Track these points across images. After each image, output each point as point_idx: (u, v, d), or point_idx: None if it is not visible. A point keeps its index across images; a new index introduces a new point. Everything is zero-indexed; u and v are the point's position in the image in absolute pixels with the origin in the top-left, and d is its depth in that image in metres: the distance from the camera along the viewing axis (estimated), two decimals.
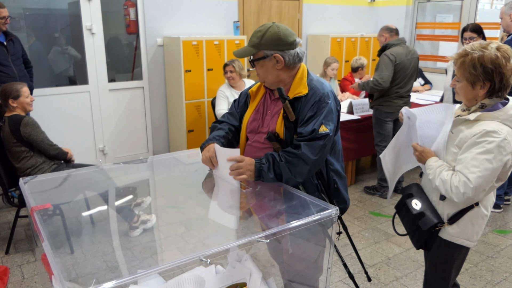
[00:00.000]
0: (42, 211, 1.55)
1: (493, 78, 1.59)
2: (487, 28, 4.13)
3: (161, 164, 2.44)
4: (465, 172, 1.60)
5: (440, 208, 1.80)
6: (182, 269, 1.60)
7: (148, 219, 2.69)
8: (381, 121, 4.07)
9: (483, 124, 1.62)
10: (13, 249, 3.20)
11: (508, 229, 3.53)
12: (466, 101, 1.72)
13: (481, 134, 1.59)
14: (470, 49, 1.63)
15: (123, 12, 4.86)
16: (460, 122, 1.72)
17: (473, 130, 1.63)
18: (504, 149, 1.57)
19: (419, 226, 1.78)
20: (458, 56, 1.68)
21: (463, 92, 1.69)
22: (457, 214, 1.75)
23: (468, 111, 1.70)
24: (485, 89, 1.63)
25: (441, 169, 1.68)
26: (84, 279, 2.33)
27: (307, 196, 1.69)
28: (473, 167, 1.59)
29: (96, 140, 4.87)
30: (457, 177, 1.62)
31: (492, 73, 1.58)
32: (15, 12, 4.42)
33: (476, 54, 1.60)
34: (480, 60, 1.59)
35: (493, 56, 1.58)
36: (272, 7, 5.78)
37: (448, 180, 1.63)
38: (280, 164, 1.73)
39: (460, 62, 1.65)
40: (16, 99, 3.09)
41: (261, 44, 1.75)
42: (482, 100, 1.66)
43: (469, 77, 1.63)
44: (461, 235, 1.78)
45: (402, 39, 4.01)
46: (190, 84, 4.78)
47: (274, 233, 1.39)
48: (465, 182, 1.59)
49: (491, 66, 1.58)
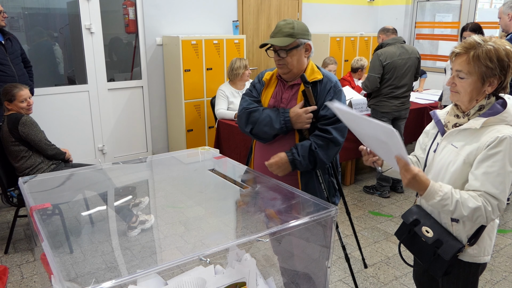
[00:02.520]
0: (42, 211, 1.54)
1: (506, 73, 1.43)
2: (487, 28, 4.14)
3: (161, 163, 2.44)
4: (493, 192, 1.40)
5: (455, 230, 1.58)
6: (181, 269, 1.59)
7: (146, 220, 2.69)
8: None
9: (492, 131, 1.43)
10: (12, 248, 3.20)
11: (508, 229, 3.53)
12: (467, 102, 1.50)
13: (495, 144, 1.40)
14: (480, 41, 1.43)
15: (122, 12, 4.85)
16: (460, 131, 1.53)
17: (483, 140, 1.44)
18: None
19: (439, 254, 1.57)
20: (466, 47, 1.44)
21: (468, 90, 1.46)
22: (476, 232, 1.56)
23: (467, 116, 1.51)
24: (494, 86, 1.45)
25: (459, 194, 1.43)
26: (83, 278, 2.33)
27: (307, 196, 1.69)
28: (500, 184, 1.40)
29: (95, 139, 4.86)
30: (488, 203, 1.40)
31: (508, 67, 1.42)
32: (14, 12, 4.41)
33: (490, 46, 1.41)
34: (496, 52, 1.41)
35: (507, 49, 1.42)
36: (272, 6, 5.78)
37: (481, 207, 1.40)
38: (315, 151, 1.88)
39: (473, 54, 1.42)
40: (11, 102, 3.08)
41: (296, 34, 1.89)
42: (481, 102, 1.48)
43: (484, 72, 1.42)
44: (482, 253, 1.60)
45: (399, 38, 4.00)
46: (189, 83, 4.78)
47: (274, 232, 1.39)
48: (498, 205, 1.41)
49: (506, 60, 1.41)
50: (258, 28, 5.74)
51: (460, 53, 1.46)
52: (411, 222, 1.65)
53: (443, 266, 1.58)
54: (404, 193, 4.29)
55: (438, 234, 1.57)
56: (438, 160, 1.58)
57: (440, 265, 1.59)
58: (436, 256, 1.58)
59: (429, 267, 1.63)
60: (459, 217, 1.45)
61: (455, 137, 1.54)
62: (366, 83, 3.99)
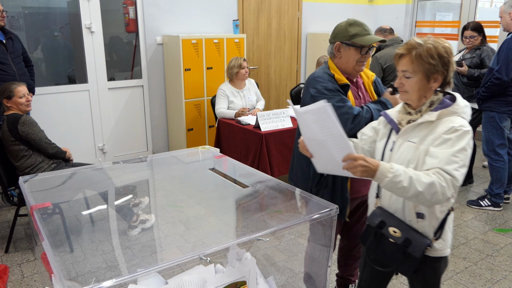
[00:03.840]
0: (42, 210, 1.54)
1: (448, 69, 1.52)
2: (487, 27, 4.13)
3: (161, 163, 2.44)
4: (449, 169, 1.43)
5: (420, 227, 1.60)
6: (181, 268, 1.59)
7: (147, 219, 2.69)
8: None
9: (446, 121, 1.50)
10: (13, 247, 3.20)
11: (508, 228, 3.53)
12: (416, 100, 1.56)
13: (450, 130, 1.47)
14: (420, 41, 1.52)
15: (123, 11, 4.85)
16: (415, 127, 1.57)
17: (439, 130, 1.50)
18: (469, 144, 1.49)
19: (409, 253, 1.58)
20: (408, 48, 1.53)
21: (415, 89, 1.53)
22: (440, 226, 1.61)
23: (420, 112, 1.57)
24: (439, 82, 1.53)
25: (413, 171, 1.46)
26: (83, 277, 2.34)
27: (307, 195, 1.69)
28: (455, 163, 1.44)
29: (95, 139, 4.86)
30: (441, 177, 1.42)
31: (448, 63, 1.51)
32: (14, 11, 4.41)
33: (429, 45, 1.50)
34: (436, 50, 1.50)
35: (445, 46, 1.51)
36: (272, 5, 5.77)
37: (435, 182, 1.41)
38: None
39: (415, 54, 1.50)
40: (10, 99, 3.09)
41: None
42: (430, 98, 1.55)
43: (428, 69, 1.50)
44: (446, 246, 1.65)
45: (396, 39, 3.99)
46: (189, 82, 4.78)
47: (274, 231, 1.39)
48: (452, 181, 1.42)
49: (446, 56, 1.50)
50: (259, 27, 5.74)
51: (403, 54, 1.54)
52: (377, 225, 1.65)
53: (413, 265, 1.59)
54: None
55: (406, 233, 1.58)
56: (397, 158, 1.60)
57: (410, 263, 1.60)
58: (406, 255, 1.59)
59: (398, 267, 1.64)
60: (415, 195, 1.43)
61: (410, 134, 1.58)
62: None
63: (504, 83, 3.44)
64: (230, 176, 1.98)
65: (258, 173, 2.00)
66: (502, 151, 3.71)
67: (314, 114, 1.44)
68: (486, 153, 3.78)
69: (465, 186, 4.43)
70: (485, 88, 3.56)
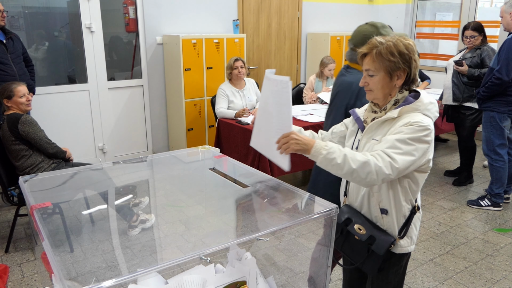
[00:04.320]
0: (42, 210, 1.54)
1: (410, 65, 1.53)
2: (487, 27, 4.13)
3: (161, 162, 2.44)
4: (389, 152, 1.45)
5: (386, 223, 1.62)
6: (181, 268, 1.59)
7: (147, 219, 2.69)
8: None
9: (406, 117, 1.52)
10: (13, 247, 3.20)
11: (508, 227, 3.53)
12: (382, 98, 1.58)
13: (406, 125, 1.50)
14: (381, 39, 1.55)
15: (123, 11, 4.85)
16: (379, 125, 1.59)
17: (398, 125, 1.52)
18: (423, 138, 1.48)
19: (373, 251, 1.60)
20: (370, 48, 1.55)
21: (379, 86, 1.55)
22: (405, 224, 1.62)
23: (385, 110, 1.59)
24: (402, 79, 1.54)
25: (349, 150, 1.47)
26: (84, 277, 2.34)
27: (307, 195, 1.69)
28: (397, 148, 1.45)
29: (95, 138, 4.87)
30: (379, 157, 1.44)
31: (410, 60, 1.52)
32: (14, 11, 4.41)
33: (390, 43, 1.52)
34: (396, 47, 1.51)
35: (405, 43, 1.53)
36: (272, 5, 5.77)
37: (370, 161, 1.42)
38: None
39: (375, 52, 1.53)
40: (10, 98, 3.09)
41: None
42: (395, 96, 1.57)
43: (388, 66, 1.52)
44: (410, 243, 1.66)
45: None
46: (189, 82, 4.78)
47: (274, 231, 1.39)
48: (390, 162, 1.43)
49: (407, 52, 1.52)
50: (259, 27, 5.74)
51: (365, 53, 1.57)
52: (343, 222, 1.67)
53: (377, 262, 1.62)
54: None
55: (370, 230, 1.61)
56: None
57: (374, 261, 1.63)
58: (370, 252, 1.61)
59: (362, 265, 1.67)
60: (349, 173, 1.44)
61: (375, 131, 1.60)
62: None
63: (504, 83, 3.44)
64: (230, 176, 1.98)
65: (258, 173, 2.00)
66: (502, 151, 3.71)
67: (276, 86, 1.48)
68: (486, 153, 3.78)
69: (465, 186, 4.43)
70: (485, 88, 3.56)
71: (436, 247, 3.24)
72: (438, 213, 3.83)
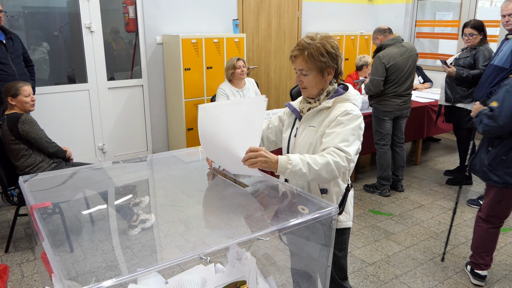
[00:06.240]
0: (42, 210, 1.54)
1: (337, 62, 1.72)
2: (487, 26, 4.12)
3: (161, 162, 2.44)
4: (340, 146, 1.63)
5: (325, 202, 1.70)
6: (181, 267, 1.60)
7: (147, 219, 2.69)
8: (380, 119, 4.07)
9: (340, 107, 1.72)
10: (13, 247, 3.20)
11: (508, 227, 3.53)
12: (316, 92, 1.77)
13: (344, 113, 1.69)
14: (309, 41, 1.70)
15: (122, 10, 4.85)
16: (315, 113, 1.78)
17: (334, 113, 1.71)
18: (360, 126, 1.71)
19: None
20: (300, 49, 1.70)
21: (313, 84, 1.74)
22: (342, 201, 1.82)
23: (318, 101, 1.78)
24: (332, 75, 1.74)
25: (309, 157, 1.59)
26: (83, 277, 2.34)
27: (307, 195, 1.69)
28: (346, 141, 1.64)
29: (95, 138, 4.86)
30: (334, 154, 1.61)
31: (336, 57, 1.71)
32: (14, 11, 4.41)
33: (318, 44, 1.69)
34: (324, 47, 1.68)
35: (331, 43, 1.71)
36: (272, 4, 5.77)
37: (330, 160, 1.58)
38: None
39: (307, 54, 1.68)
40: (15, 97, 3.09)
41: None
42: (326, 89, 1.77)
43: (320, 65, 1.69)
44: (349, 218, 1.88)
45: (397, 38, 3.99)
46: (189, 82, 4.78)
47: (274, 231, 1.39)
48: (345, 156, 1.61)
49: (334, 51, 1.70)
50: (258, 26, 5.74)
51: (297, 55, 1.72)
52: None
53: None
54: (404, 192, 4.29)
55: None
56: (299, 142, 1.80)
57: None
58: None
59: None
60: (315, 177, 1.58)
61: (311, 120, 1.79)
62: (370, 87, 3.96)
63: None
64: (230, 175, 1.98)
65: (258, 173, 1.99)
66: None
67: (250, 105, 1.66)
68: None
69: (465, 186, 4.43)
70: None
71: (436, 247, 3.24)
72: (438, 212, 3.83)
